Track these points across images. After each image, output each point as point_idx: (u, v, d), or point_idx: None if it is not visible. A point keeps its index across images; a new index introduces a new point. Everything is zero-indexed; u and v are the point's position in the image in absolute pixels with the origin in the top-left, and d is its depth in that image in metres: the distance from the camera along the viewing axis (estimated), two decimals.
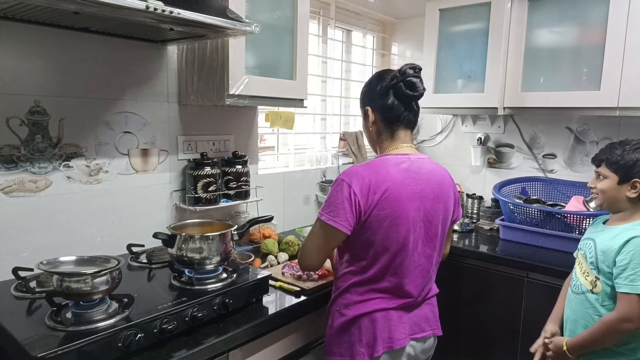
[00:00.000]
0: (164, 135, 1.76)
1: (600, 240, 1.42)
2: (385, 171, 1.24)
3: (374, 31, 2.96)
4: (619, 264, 1.32)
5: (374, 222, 1.22)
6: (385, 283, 1.28)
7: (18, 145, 1.38)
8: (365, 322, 1.27)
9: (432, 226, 1.31)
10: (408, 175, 1.26)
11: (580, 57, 2.08)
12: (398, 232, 1.24)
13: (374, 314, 1.27)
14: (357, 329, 1.27)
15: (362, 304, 1.28)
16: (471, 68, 2.38)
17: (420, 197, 1.27)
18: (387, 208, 1.21)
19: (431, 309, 1.39)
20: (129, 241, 1.61)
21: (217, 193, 1.82)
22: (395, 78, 1.30)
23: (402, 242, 1.25)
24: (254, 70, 1.67)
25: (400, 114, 1.32)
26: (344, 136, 2.66)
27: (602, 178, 1.45)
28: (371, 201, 1.21)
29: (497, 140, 2.69)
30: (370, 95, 1.36)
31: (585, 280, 1.43)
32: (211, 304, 1.24)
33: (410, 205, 1.25)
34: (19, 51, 1.36)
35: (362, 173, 1.23)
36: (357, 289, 1.29)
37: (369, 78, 1.41)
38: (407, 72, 1.30)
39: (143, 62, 1.66)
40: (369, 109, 1.35)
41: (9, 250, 1.38)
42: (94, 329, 1.02)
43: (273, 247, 1.86)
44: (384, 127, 1.34)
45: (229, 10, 1.40)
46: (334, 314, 1.33)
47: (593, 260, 1.41)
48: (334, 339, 1.31)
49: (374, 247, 1.25)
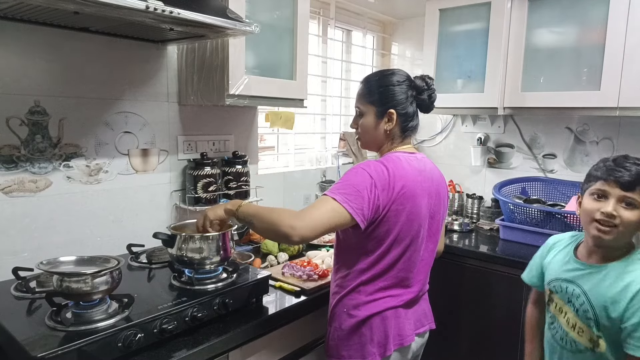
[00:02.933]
0: (164, 135, 1.76)
1: (594, 289, 1.16)
2: (401, 167, 1.26)
3: (374, 31, 2.96)
4: (628, 322, 1.09)
5: (392, 216, 1.23)
6: (392, 278, 1.28)
7: (18, 145, 1.38)
8: (376, 321, 1.26)
9: (434, 222, 1.35)
10: (419, 172, 1.29)
11: (580, 57, 2.07)
12: (412, 227, 1.26)
13: (385, 312, 1.27)
14: (368, 329, 1.26)
15: (372, 304, 1.27)
16: (471, 68, 2.38)
17: (428, 194, 1.31)
18: (404, 202, 1.23)
19: (427, 304, 1.44)
20: (129, 241, 1.61)
21: (217, 193, 1.82)
22: (424, 90, 1.34)
23: (414, 236, 1.28)
24: (254, 70, 1.67)
25: (417, 123, 1.37)
26: (344, 136, 2.66)
27: (630, 207, 1.12)
28: (391, 195, 1.21)
29: (497, 140, 2.69)
30: (396, 99, 1.32)
31: (579, 336, 1.20)
32: (211, 304, 1.24)
33: (422, 201, 1.28)
34: (19, 51, 1.36)
35: (381, 167, 1.23)
36: (366, 288, 1.28)
37: (385, 78, 1.35)
38: (431, 86, 1.34)
39: (143, 62, 1.66)
40: (393, 112, 1.31)
41: (9, 250, 1.38)
42: (94, 329, 1.02)
43: (273, 247, 1.86)
44: (399, 132, 1.34)
45: (229, 10, 1.40)
46: (340, 315, 1.30)
47: (591, 316, 1.16)
48: (342, 341, 1.29)
49: (389, 241, 1.25)
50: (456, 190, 2.64)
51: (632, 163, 1.14)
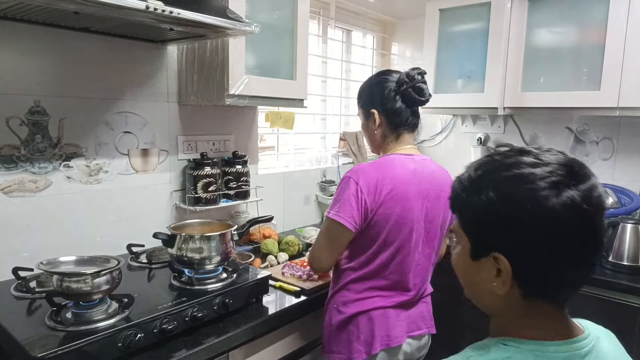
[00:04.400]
0: (164, 135, 1.76)
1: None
2: (392, 169, 1.26)
3: (374, 31, 2.96)
4: None
5: (381, 219, 1.23)
6: (384, 280, 1.29)
7: (18, 145, 1.38)
8: (363, 320, 1.28)
9: (432, 226, 1.33)
10: (413, 174, 1.28)
11: (580, 57, 2.07)
12: (402, 230, 1.25)
13: (372, 312, 1.28)
14: (355, 327, 1.28)
15: (360, 302, 1.29)
16: (471, 68, 2.38)
17: (423, 197, 1.29)
18: (393, 206, 1.23)
19: (426, 307, 1.42)
20: (129, 241, 1.61)
21: (217, 193, 1.82)
22: (405, 83, 1.32)
23: (405, 240, 1.26)
24: (254, 70, 1.67)
25: (406, 118, 1.34)
26: (344, 136, 2.66)
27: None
28: (378, 198, 1.22)
29: (497, 140, 2.69)
30: (376, 98, 1.35)
31: None
32: (211, 304, 1.24)
33: (415, 204, 1.27)
34: (19, 51, 1.36)
35: (369, 171, 1.25)
36: (355, 286, 1.30)
37: (370, 79, 1.41)
38: (416, 78, 1.31)
39: (143, 62, 1.66)
40: (374, 112, 1.34)
41: (9, 250, 1.38)
42: (94, 329, 1.02)
43: (273, 247, 1.86)
44: (389, 131, 1.35)
45: (229, 10, 1.39)
46: (331, 311, 1.34)
47: None
48: (332, 336, 1.32)
49: (377, 244, 1.26)
50: None
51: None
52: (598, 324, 0.74)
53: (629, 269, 1.78)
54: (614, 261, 1.81)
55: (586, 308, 1.77)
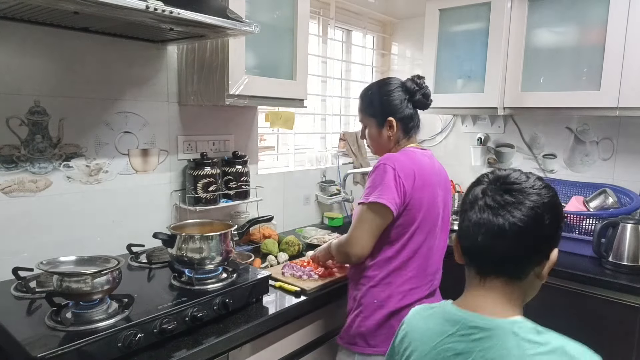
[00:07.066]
0: (164, 135, 1.76)
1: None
2: (418, 159, 1.36)
3: (374, 31, 2.96)
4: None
5: (416, 203, 1.31)
6: (415, 269, 1.34)
7: (18, 145, 1.38)
8: (406, 313, 1.29)
9: (445, 214, 1.43)
10: (431, 165, 1.39)
11: (580, 57, 2.07)
12: (432, 214, 1.34)
13: (415, 304, 1.29)
14: (397, 321, 1.30)
15: (402, 295, 1.33)
16: (471, 68, 2.38)
17: (440, 186, 1.39)
18: (424, 190, 1.32)
19: (439, 299, 1.47)
20: (129, 241, 1.61)
21: (217, 193, 1.82)
22: (416, 91, 1.44)
23: (433, 223, 1.36)
24: (254, 70, 1.67)
25: (417, 121, 1.48)
26: (344, 136, 2.66)
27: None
28: (413, 182, 1.30)
29: (497, 140, 2.69)
30: (391, 107, 1.44)
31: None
32: (211, 304, 1.24)
33: (438, 192, 1.37)
34: (19, 51, 1.36)
35: (402, 158, 1.33)
36: (395, 280, 1.34)
37: (377, 89, 1.48)
38: (422, 85, 1.45)
39: (143, 62, 1.66)
40: (392, 120, 1.43)
41: (9, 250, 1.38)
42: (94, 329, 1.02)
43: (273, 247, 1.86)
44: (403, 135, 1.45)
45: (229, 10, 1.40)
46: (368, 306, 1.35)
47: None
48: (370, 331, 1.34)
49: (412, 228, 1.32)
50: (456, 191, 2.63)
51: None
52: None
53: (629, 269, 1.78)
54: (614, 261, 1.81)
55: (586, 308, 1.78)
